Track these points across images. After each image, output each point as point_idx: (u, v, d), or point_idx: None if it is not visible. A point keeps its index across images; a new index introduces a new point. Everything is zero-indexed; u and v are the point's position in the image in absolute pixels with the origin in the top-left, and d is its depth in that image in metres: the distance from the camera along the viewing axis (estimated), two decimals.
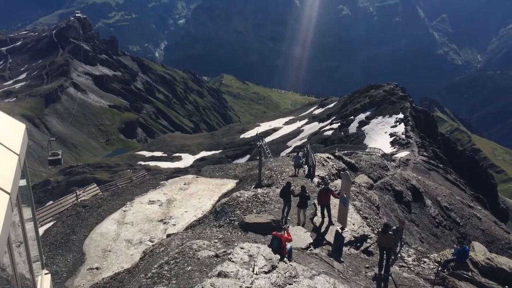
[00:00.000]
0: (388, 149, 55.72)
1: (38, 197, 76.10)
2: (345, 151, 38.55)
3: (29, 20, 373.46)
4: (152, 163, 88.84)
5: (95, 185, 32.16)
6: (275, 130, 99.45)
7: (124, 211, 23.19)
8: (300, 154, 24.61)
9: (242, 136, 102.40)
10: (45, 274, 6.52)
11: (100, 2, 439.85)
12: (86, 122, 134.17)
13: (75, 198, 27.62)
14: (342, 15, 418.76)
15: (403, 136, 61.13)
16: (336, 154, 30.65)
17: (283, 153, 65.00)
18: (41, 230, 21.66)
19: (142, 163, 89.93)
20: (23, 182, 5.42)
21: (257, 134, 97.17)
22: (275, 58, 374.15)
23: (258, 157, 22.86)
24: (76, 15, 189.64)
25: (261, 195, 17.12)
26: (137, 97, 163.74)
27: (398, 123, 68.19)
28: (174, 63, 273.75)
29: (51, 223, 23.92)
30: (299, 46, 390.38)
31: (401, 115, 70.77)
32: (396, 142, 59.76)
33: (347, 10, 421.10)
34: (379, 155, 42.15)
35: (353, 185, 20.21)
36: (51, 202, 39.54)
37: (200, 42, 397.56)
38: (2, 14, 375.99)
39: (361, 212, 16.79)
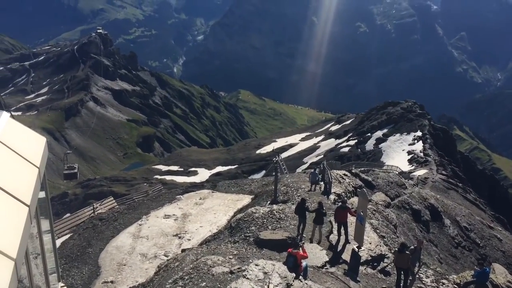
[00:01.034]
0: (406, 167, 55.05)
1: (56, 209, 77.03)
2: (362, 168, 38.18)
3: (52, 36, 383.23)
4: (168, 177, 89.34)
5: (112, 198, 32.44)
6: (291, 146, 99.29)
7: (140, 225, 23.28)
8: (317, 170, 24.48)
9: (258, 151, 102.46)
10: (61, 287, 6.54)
11: (121, 18, 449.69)
12: (105, 136, 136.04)
13: (92, 211, 27.87)
14: (359, 32, 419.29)
15: (421, 154, 60.38)
16: (353, 171, 30.37)
17: (299, 169, 64.76)
18: (58, 242, 21.85)
19: (159, 177, 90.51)
20: (42, 194, 5.49)
21: (273, 149, 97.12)
22: (292, 74, 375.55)
23: (274, 173, 22.79)
24: (98, 31, 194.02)
25: (276, 212, 17.01)
26: (155, 112, 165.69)
27: (416, 141, 67.43)
28: (192, 79, 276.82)
29: (68, 235, 24.14)
30: (316, 62, 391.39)
31: (419, 133, 70.01)
32: (414, 160, 59.03)
33: (364, 27, 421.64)
34: (397, 173, 41.63)
35: (370, 203, 19.97)
36: (68, 214, 39.96)
37: (217, 58, 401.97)
38: (27, 30, 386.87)
39: (378, 231, 16.52)
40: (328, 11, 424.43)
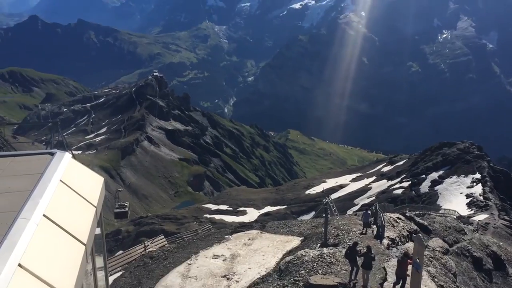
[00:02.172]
0: (464, 211, 52.28)
1: (110, 246, 78.98)
2: (417, 212, 36.60)
3: (113, 79, 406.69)
4: (217, 217, 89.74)
5: (162, 236, 32.91)
6: (341, 186, 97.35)
7: (189, 264, 23.30)
8: (369, 212, 23.75)
9: (307, 192, 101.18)
10: None
11: (176, 61, 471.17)
12: (157, 174, 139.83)
13: (143, 249, 28.30)
14: (412, 71, 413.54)
15: (481, 198, 57.23)
16: (407, 214, 29.16)
17: (350, 211, 63.10)
18: (110, 280, 22.21)
19: (208, 216, 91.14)
20: (97, 231, 5.66)
21: (323, 190, 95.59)
22: (342, 114, 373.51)
23: (324, 215, 22.32)
24: (154, 74, 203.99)
25: (327, 255, 16.51)
26: (205, 151, 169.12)
27: (475, 184, 64.15)
28: (242, 119, 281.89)
29: (120, 273, 24.55)
30: (366, 102, 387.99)
31: (478, 175, 66.66)
32: (473, 204, 55.99)
33: (417, 67, 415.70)
34: (455, 217, 39.56)
35: (426, 249, 18.95)
36: (121, 251, 40.81)
37: (267, 98, 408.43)
38: (90, 73, 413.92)
39: (436, 280, 15.57)
40: (379, 52, 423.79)
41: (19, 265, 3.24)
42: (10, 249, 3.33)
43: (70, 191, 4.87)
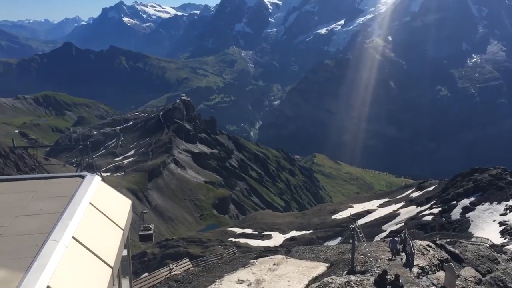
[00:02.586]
0: (497, 239, 50.30)
1: (135, 267, 79.25)
2: (448, 239, 35.44)
3: (142, 102, 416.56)
4: (242, 240, 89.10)
5: (187, 259, 32.84)
6: (368, 212, 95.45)
7: None
8: (397, 239, 23.17)
9: (333, 217, 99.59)
10: None
11: (203, 86, 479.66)
12: (183, 197, 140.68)
13: (168, 271, 28.27)
14: (440, 95, 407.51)
15: None
16: (438, 242, 28.26)
17: (377, 238, 61.65)
18: None
19: (233, 239, 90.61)
20: (124, 252, 5.70)
21: (349, 215, 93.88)
22: (369, 138, 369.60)
23: (350, 241, 21.87)
24: (182, 97, 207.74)
25: (354, 283, 16.10)
26: (231, 174, 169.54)
27: (508, 211, 61.80)
28: (268, 142, 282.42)
29: None
30: (393, 126, 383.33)
31: (511, 202, 64.34)
32: (507, 232, 53.85)
33: (446, 91, 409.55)
34: (488, 245, 38.09)
35: (458, 278, 18.25)
36: (146, 274, 40.88)
37: (293, 122, 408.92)
38: (120, 98, 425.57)
39: None
40: (406, 76, 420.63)
41: (48, 287, 3.35)
42: (39, 270, 3.42)
43: (99, 213, 4.95)
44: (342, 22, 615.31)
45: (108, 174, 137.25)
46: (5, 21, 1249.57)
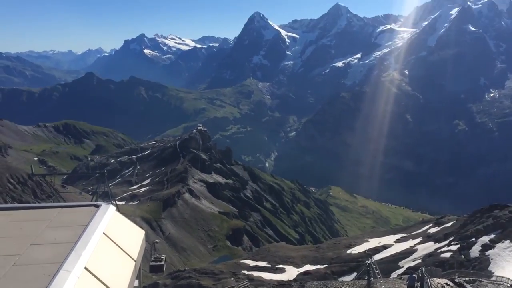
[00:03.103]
0: None
1: None
2: (467, 278, 34.37)
3: (159, 132, 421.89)
4: (255, 273, 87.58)
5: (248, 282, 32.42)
6: (385, 247, 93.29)
7: None
8: (414, 276, 22.55)
9: (349, 251, 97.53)
10: None
11: (220, 116, 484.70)
12: (197, 227, 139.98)
13: None
14: (458, 130, 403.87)
15: None
16: (456, 280, 27.45)
17: (394, 274, 60.12)
18: None
19: (246, 272, 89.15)
20: (136, 283, 5.69)
21: (365, 250, 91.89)
22: (385, 171, 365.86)
23: (366, 277, 21.39)
24: (198, 128, 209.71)
25: None
26: (245, 205, 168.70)
27: None
28: (283, 173, 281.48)
29: None
30: (411, 160, 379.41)
31: None
32: None
33: (463, 125, 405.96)
34: (508, 285, 36.75)
35: None
36: None
37: (309, 153, 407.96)
38: (138, 127, 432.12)
39: None
40: (423, 109, 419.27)
41: None
42: None
43: (112, 244, 4.98)
44: (359, 55, 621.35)
45: (123, 202, 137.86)
46: (31, 51, 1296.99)
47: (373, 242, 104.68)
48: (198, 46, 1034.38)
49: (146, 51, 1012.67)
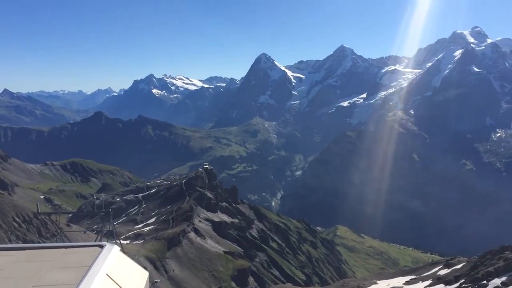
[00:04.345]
0: None
1: None
2: None
3: (165, 170, 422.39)
4: None
5: None
6: None
7: None
8: None
9: None
10: None
11: (226, 155, 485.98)
12: (201, 267, 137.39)
13: None
14: (465, 169, 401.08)
15: None
16: None
17: None
18: None
19: None
20: None
21: None
22: (392, 211, 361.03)
23: None
24: (204, 166, 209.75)
25: None
26: (251, 245, 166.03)
27: None
28: (289, 213, 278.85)
29: None
30: (419, 200, 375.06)
31: None
32: None
33: (471, 165, 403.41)
34: None
35: None
36: None
37: (315, 192, 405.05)
38: (144, 165, 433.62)
39: None
40: (429, 149, 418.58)
41: None
42: None
43: (115, 285, 5.00)
44: (364, 95, 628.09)
45: (128, 241, 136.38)
46: (42, 91, 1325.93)
47: (382, 284, 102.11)
48: (206, 86, 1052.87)
49: (154, 90, 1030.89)
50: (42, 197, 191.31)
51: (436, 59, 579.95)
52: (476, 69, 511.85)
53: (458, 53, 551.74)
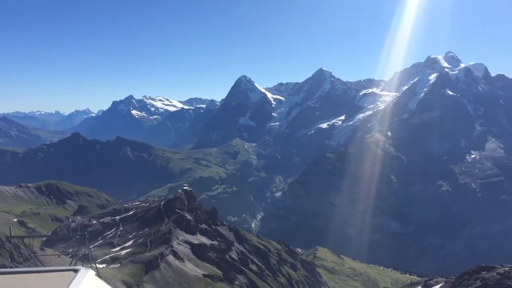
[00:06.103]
0: None
1: None
2: None
3: (144, 192, 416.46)
4: None
5: None
6: None
7: None
8: None
9: None
10: None
11: (206, 176, 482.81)
12: None
13: None
14: (442, 190, 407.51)
15: None
16: None
17: None
18: None
19: None
20: None
21: None
22: (372, 232, 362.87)
23: None
24: (184, 187, 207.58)
25: None
26: (231, 267, 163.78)
27: None
28: (269, 234, 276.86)
29: None
30: (398, 221, 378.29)
31: None
32: None
33: (447, 186, 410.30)
34: None
35: None
36: None
37: (295, 214, 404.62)
38: (123, 187, 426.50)
39: None
40: (407, 170, 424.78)
41: None
42: None
43: None
44: (343, 117, 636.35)
45: (104, 265, 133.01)
46: (18, 112, 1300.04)
47: None
48: (186, 107, 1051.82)
49: (133, 112, 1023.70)
50: (15, 220, 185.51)
51: (412, 82, 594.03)
52: (450, 93, 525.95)
53: (432, 77, 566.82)
